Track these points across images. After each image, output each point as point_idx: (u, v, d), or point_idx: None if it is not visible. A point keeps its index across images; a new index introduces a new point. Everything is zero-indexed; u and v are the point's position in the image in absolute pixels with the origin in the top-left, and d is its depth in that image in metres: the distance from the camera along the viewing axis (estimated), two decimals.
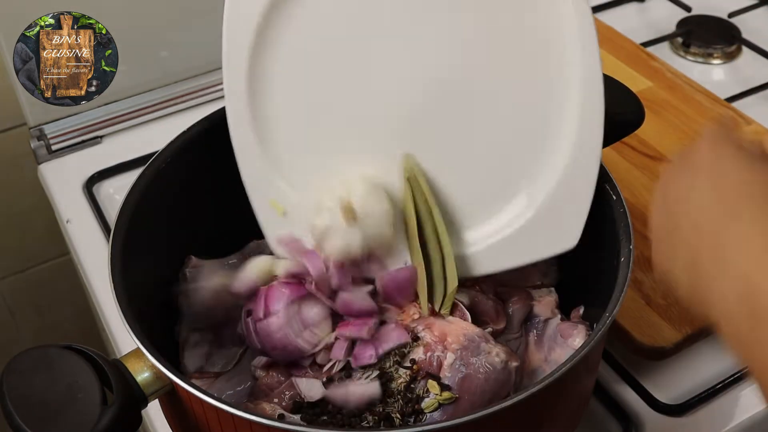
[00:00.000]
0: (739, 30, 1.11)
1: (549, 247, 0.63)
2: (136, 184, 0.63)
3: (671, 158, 0.50)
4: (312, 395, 0.60)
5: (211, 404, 0.50)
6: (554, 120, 0.60)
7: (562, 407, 0.56)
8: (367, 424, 0.58)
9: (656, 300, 0.72)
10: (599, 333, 0.53)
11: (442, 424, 0.49)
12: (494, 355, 0.59)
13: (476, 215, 0.64)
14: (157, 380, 0.54)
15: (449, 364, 0.59)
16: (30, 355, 0.52)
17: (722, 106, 0.92)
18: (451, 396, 0.57)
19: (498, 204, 0.63)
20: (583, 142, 0.60)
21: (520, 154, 0.62)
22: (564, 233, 0.62)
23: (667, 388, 0.71)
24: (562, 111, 0.60)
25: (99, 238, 0.85)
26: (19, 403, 0.49)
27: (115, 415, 0.50)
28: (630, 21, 1.15)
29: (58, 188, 0.92)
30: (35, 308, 1.25)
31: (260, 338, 0.61)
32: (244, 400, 0.63)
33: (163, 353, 0.63)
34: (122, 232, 0.60)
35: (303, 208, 0.64)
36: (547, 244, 0.63)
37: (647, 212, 0.80)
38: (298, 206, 0.65)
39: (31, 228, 1.15)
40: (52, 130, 0.95)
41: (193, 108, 0.99)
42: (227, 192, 0.72)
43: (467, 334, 0.60)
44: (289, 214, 0.65)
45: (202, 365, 0.65)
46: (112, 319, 0.78)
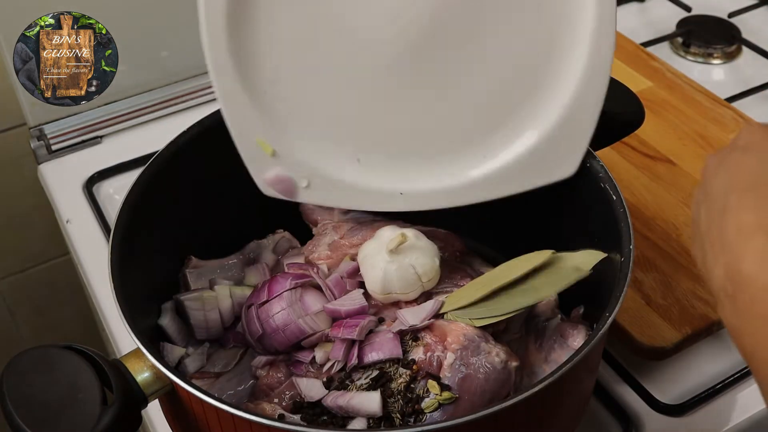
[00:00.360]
0: (739, 30, 1.11)
1: (548, 174, 0.64)
2: (136, 184, 0.63)
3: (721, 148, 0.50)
4: (312, 395, 0.60)
5: (211, 404, 0.50)
6: (567, 41, 0.60)
7: (562, 407, 0.56)
8: (367, 424, 0.58)
9: (656, 300, 0.72)
10: (599, 333, 0.53)
11: (442, 424, 0.49)
12: (494, 355, 0.59)
13: (480, 142, 0.64)
14: (157, 380, 0.54)
15: (449, 364, 0.59)
16: (30, 355, 0.52)
17: (722, 106, 0.92)
18: (451, 396, 0.57)
19: (503, 130, 0.63)
20: (594, 66, 0.60)
21: (526, 81, 0.62)
22: (565, 161, 0.63)
23: (667, 388, 0.71)
24: (575, 32, 0.59)
25: (99, 238, 0.85)
26: (19, 403, 0.49)
27: (115, 415, 0.50)
28: (630, 21, 1.15)
29: (58, 188, 0.92)
30: (35, 308, 1.25)
31: (261, 321, 0.62)
32: (244, 400, 0.63)
33: (163, 353, 0.64)
34: (122, 232, 0.60)
35: (290, 145, 0.64)
36: (547, 171, 0.64)
37: (647, 212, 0.80)
38: (285, 144, 0.64)
39: (31, 228, 1.15)
40: (52, 130, 0.95)
41: (193, 108, 0.99)
42: (227, 192, 0.72)
43: (467, 334, 0.60)
44: (278, 153, 0.64)
45: (202, 365, 0.65)
46: (112, 319, 0.78)
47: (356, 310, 0.62)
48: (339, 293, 0.64)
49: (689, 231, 0.78)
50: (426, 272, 0.63)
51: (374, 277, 0.63)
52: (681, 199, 0.81)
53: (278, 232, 0.74)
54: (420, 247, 0.63)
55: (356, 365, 0.60)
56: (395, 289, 0.62)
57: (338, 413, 0.58)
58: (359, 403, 0.58)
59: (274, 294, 0.63)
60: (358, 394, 0.58)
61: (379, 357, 0.60)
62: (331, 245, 0.70)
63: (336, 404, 0.58)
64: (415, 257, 0.63)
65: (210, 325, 0.66)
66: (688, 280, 0.73)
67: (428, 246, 0.64)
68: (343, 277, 0.65)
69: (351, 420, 0.58)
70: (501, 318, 0.60)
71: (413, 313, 0.62)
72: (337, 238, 0.70)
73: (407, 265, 0.62)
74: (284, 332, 0.62)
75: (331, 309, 0.62)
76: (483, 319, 0.61)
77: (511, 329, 0.65)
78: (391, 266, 0.62)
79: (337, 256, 0.69)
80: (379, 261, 0.63)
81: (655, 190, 0.82)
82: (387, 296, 0.63)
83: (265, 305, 0.63)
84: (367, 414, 0.58)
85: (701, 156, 0.86)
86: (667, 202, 0.81)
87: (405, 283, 0.62)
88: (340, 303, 0.63)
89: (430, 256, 0.63)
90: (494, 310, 0.61)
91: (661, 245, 0.76)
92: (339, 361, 0.60)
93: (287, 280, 0.63)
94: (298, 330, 0.62)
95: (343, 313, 0.62)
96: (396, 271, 0.62)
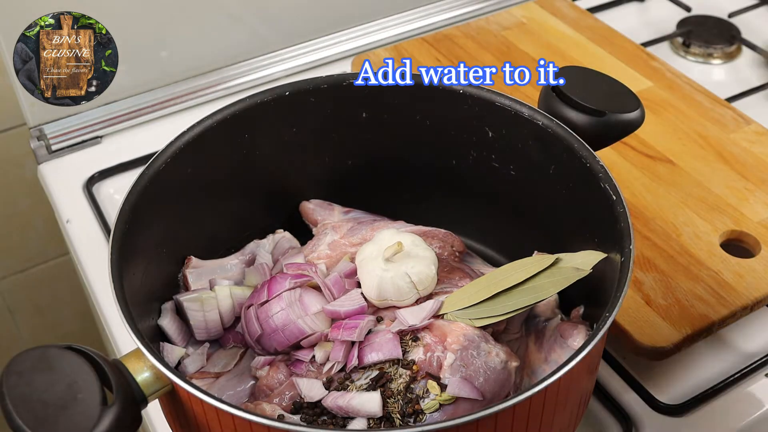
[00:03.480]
0: (739, 30, 1.11)
1: None
2: (136, 185, 0.63)
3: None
4: (312, 395, 0.60)
5: (211, 404, 0.50)
6: None
7: (562, 407, 0.56)
8: (367, 424, 0.58)
9: (656, 300, 0.72)
10: (599, 333, 0.53)
11: (442, 424, 0.49)
12: (494, 355, 0.59)
13: None
14: (157, 380, 0.54)
15: (449, 364, 0.59)
16: (30, 355, 0.52)
17: (722, 106, 0.92)
18: (451, 397, 0.57)
19: None
20: None
21: None
22: None
23: (667, 388, 0.71)
24: None
25: (99, 238, 0.85)
26: (19, 403, 0.49)
27: (115, 416, 0.50)
28: (630, 21, 1.15)
29: (58, 188, 0.92)
30: (35, 308, 1.25)
31: (260, 321, 0.62)
32: (244, 400, 0.63)
33: (163, 353, 0.64)
34: (122, 233, 0.60)
35: None
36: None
37: (647, 212, 0.80)
38: None
39: (31, 228, 1.15)
40: (52, 130, 0.95)
41: (193, 108, 0.99)
42: (227, 192, 0.72)
43: (467, 334, 0.60)
44: None
45: (202, 365, 0.65)
46: (112, 319, 0.78)
47: (355, 311, 0.62)
48: (338, 293, 0.64)
49: (689, 231, 0.78)
50: (421, 281, 0.63)
51: (370, 283, 0.63)
52: (681, 199, 0.81)
53: (278, 232, 0.74)
54: (416, 255, 0.64)
55: (356, 366, 0.60)
56: (390, 296, 0.63)
57: (338, 414, 0.58)
58: (359, 403, 0.58)
59: (273, 294, 0.63)
60: (358, 395, 0.58)
61: (379, 358, 0.60)
62: (331, 245, 0.70)
63: (336, 405, 0.58)
64: (411, 266, 0.63)
65: (209, 325, 0.66)
66: (688, 280, 0.73)
67: (425, 253, 0.64)
68: (342, 277, 0.65)
69: (351, 420, 0.58)
70: (501, 318, 0.60)
71: (413, 313, 0.62)
72: (337, 238, 0.70)
73: (403, 274, 0.62)
74: (283, 332, 0.62)
75: (331, 310, 0.62)
76: (483, 319, 0.61)
77: (511, 329, 0.65)
78: (387, 274, 0.62)
79: (337, 255, 0.69)
80: (375, 268, 0.63)
81: (655, 190, 0.82)
82: (382, 302, 0.63)
83: (265, 305, 0.63)
84: (367, 414, 0.58)
85: (701, 156, 0.86)
86: (667, 202, 0.81)
87: (400, 291, 0.63)
88: (339, 304, 0.63)
89: (427, 264, 0.64)
90: (494, 310, 0.61)
91: (661, 245, 0.76)
92: (339, 362, 0.60)
93: (286, 280, 0.63)
94: (297, 330, 0.62)
95: (342, 314, 0.62)
96: (391, 279, 0.62)
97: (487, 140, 0.71)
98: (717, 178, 0.83)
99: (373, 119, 0.73)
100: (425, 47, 1.01)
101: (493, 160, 0.72)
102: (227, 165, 0.70)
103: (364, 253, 0.65)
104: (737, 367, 0.72)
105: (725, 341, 0.75)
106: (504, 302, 0.61)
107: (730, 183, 0.82)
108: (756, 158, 0.85)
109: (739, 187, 0.82)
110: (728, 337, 0.75)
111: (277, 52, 1.03)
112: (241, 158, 0.71)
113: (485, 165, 0.72)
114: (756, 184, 0.82)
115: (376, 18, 1.08)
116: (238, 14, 0.98)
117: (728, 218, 0.79)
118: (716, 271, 0.74)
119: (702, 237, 0.77)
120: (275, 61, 1.03)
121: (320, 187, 0.76)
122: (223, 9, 0.97)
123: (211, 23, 0.97)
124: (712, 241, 0.77)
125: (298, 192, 0.76)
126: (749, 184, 0.82)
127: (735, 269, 0.74)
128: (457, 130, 0.72)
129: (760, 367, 0.71)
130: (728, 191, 0.82)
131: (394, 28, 1.09)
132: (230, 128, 0.68)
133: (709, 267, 0.74)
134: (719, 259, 0.75)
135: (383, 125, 0.73)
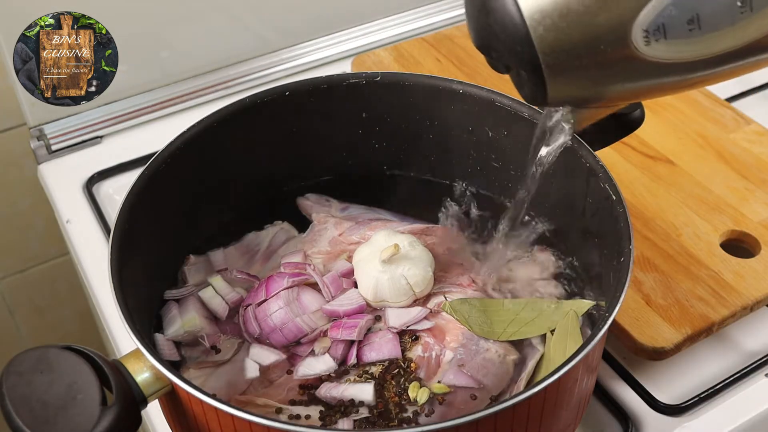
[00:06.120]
0: None
1: None
2: (136, 185, 0.63)
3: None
4: (311, 372, 0.60)
5: (211, 404, 0.50)
6: None
7: (562, 407, 0.56)
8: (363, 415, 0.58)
9: (656, 300, 0.72)
10: (599, 333, 0.53)
11: (442, 424, 0.49)
12: (492, 351, 0.59)
13: None
14: (157, 381, 0.54)
15: (448, 361, 0.59)
16: (30, 356, 0.52)
17: (722, 106, 0.92)
18: (447, 389, 0.58)
19: None
20: None
21: None
22: None
23: (667, 388, 0.71)
24: None
25: (99, 238, 0.85)
26: (19, 403, 0.49)
27: (115, 416, 0.50)
28: None
29: (58, 188, 0.92)
30: (35, 308, 1.25)
31: (258, 321, 0.62)
32: (243, 389, 0.63)
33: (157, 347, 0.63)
34: (122, 232, 0.60)
35: None
36: None
37: (647, 212, 0.80)
38: None
39: (31, 228, 1.15)
40: (52, 130, 0.95)
41: (192, 108, 0.99)
42: (226, 192, 0.72)
43: (465, 332, 0.60)
44: None
45: (200, 356, 0.65)
46: (112, 319, 0.78)
47: (354, 310, 0.62)
48: (335, 291, 0.64)
49: (689, 231, 0.78)
50: (417, 283, 0.63)
51: (367, 284, 0.63)
52: (681, 199, 0.81)
53: (276, 223, 0.74)
54: (413, 258, 0.64)
55: (355, 364, 0.60)
56: (387, 297, 0.63)
57: (332, 403, 0.58)
58: (353, 394, 0.58)
59: (271, 293, 0.63)
60: (352, 385, 0.58)
61: (378, 357, 0.60)
62: (331, 241, 0.70)
63: (330, 395, 0.58)
64: (407, 268, 0.63)
65: (207, 317, 0.65)
66: (688, 280, 0.73)
67: (422, 255, 0.65)
68: (339, 276, 0.65)
69: (355, 408, 0.58)
70: (492, 338, 0.61)
71: (399, 315, 0.62)
72: (337, 235, 0.70)
73: (399, 276, 0.63)
74: (282, 331, 0.62)
75: (330, 310, 0.62)
76: (479, 328, 0.61)
77: None
78: (383, 276, 0.62)
79: (335, 252, 0.69)
80: (371, 269, 0.63)
81: (655, 190, 0.82)
82: (379, 303, 0.63)
83: (263, 305, 0.63)
84: (360, 402, 0.58)
85: (701, 156, 0.86)
86: (667, 202, 0.80)
87: (396, 293, 0.63)
88: (338, 303, 0.63)
89: (423, 266, 0.64)
90: (489, 330, 0.62)
91: (661, 245, 0.76)
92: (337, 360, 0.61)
93: (284, 278, 0.63)
94: (296, 328, 0.62)
95: (341, 313, 0.62)
96: (388, 281, 0.62)
97: (487, 140, 0.71)
98: (717, 178, 0.83)
99: (373, 119, 0.73)
100: (425, 47, 1.01)
101: (493, 160, 0.72)
102: (226, 165, 0.70)
103: (361, 254, 0.65)
104: (737, 367, 0.72)
105: (725, 341, 0.75)
106: (498, 325, 0.62)
107: (730, 183, 0.82)
108: (756, 158, 0.85)
109: (739, 187, 0.82)
110: (728, 337, 0.75)
111: (277, 52, 1.03)
112: (241, 158, 0.71)
113: (485, 165, 0.73)
114: (756, 184, 0.82)
115: (376, 18, 1.08)
116: (238, 14, 0.98)
117: (728, 218, 0.79)
118: (716, 271, 0.74)
119: (702, 237, 0.77)
120: (275, 61, 1.03)
121: (320, 186, 0.76)
122: (223, 9, 0.97)
123: (211, 23, 0.97)
124: (712, 241, 0.77)
125: (298, 192, 0.76)
126: (749, 184, 0.82)
127: (735, 269, 0.74)
128: (458, 130, 0.72)
129: (760, 367, 0.71)
130: (728, 191, 0.81)
131: (394, 28, 1.09)
132: (230, 128, 0.69)
133: (709, 267, 0.74)
134: (719, 259, 0.75)
135: (383, 125, 0.73)
